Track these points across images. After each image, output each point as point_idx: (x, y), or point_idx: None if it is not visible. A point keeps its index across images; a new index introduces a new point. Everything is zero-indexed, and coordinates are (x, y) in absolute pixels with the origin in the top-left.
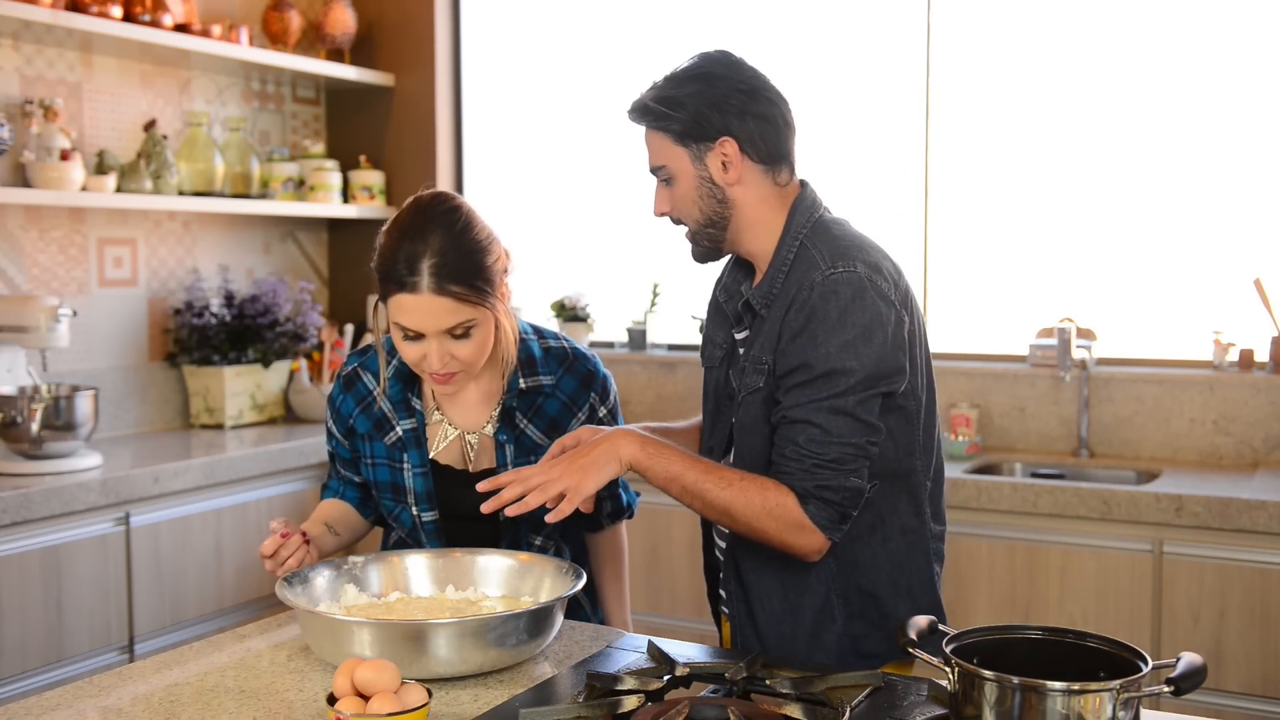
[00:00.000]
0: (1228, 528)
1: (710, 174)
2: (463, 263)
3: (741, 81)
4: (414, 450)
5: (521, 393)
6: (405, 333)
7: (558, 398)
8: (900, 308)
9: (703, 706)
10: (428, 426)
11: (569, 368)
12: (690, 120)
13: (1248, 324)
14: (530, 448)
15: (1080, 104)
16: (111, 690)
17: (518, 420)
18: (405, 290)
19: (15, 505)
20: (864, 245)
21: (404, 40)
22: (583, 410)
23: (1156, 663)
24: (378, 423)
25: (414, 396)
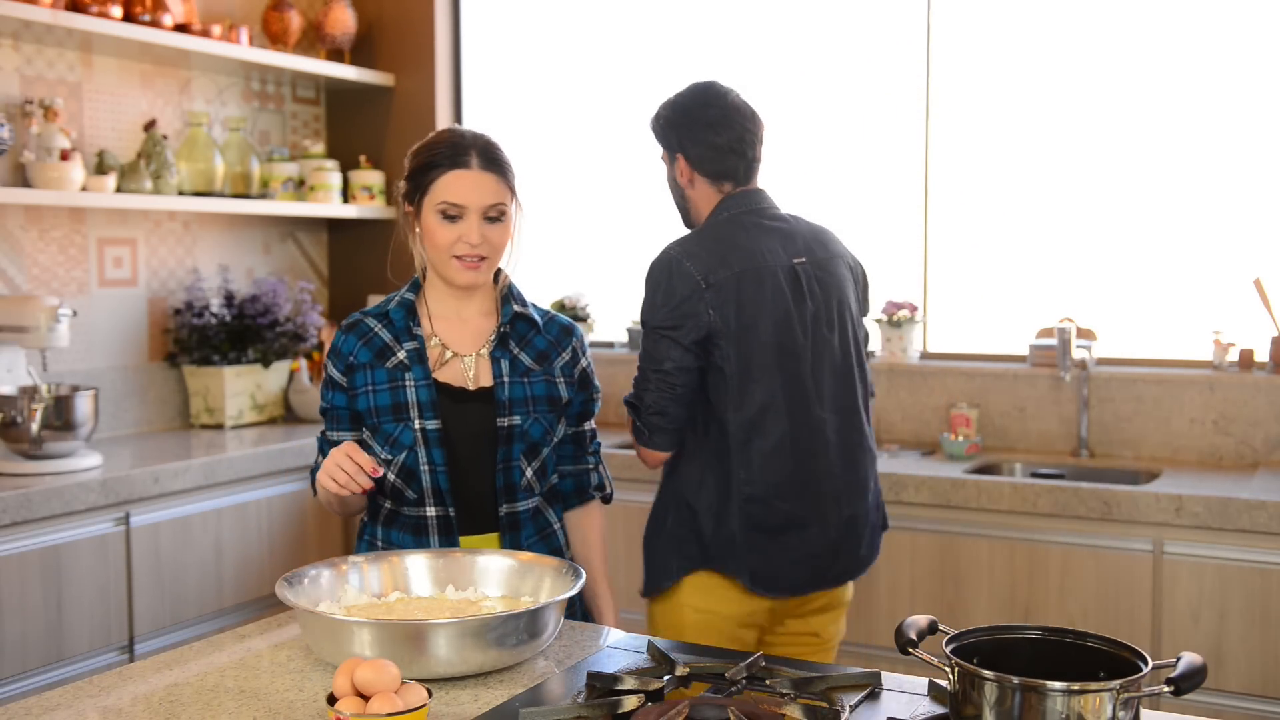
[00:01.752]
0: (1228, 528)
1: (673, 175)
2: (502, 157)
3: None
4: (417, 367)
5: (515, 318)
6: (448, 212)
7: (545, 336)
8: (706, 289)
9: (703, 706)
10: (428, 349)
11: (552, 319)
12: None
13: (1248, 324)
14: (523, 371)
15: (1080, 105)
16: (111, 690)
17: (510, 345)
18: (457, 167)
19: (15, 505)
20: (711, 239)
21: (404, 40)
22: (566, 350)
23: (1156, 663)
24: (379, 351)
25: (414, 325)
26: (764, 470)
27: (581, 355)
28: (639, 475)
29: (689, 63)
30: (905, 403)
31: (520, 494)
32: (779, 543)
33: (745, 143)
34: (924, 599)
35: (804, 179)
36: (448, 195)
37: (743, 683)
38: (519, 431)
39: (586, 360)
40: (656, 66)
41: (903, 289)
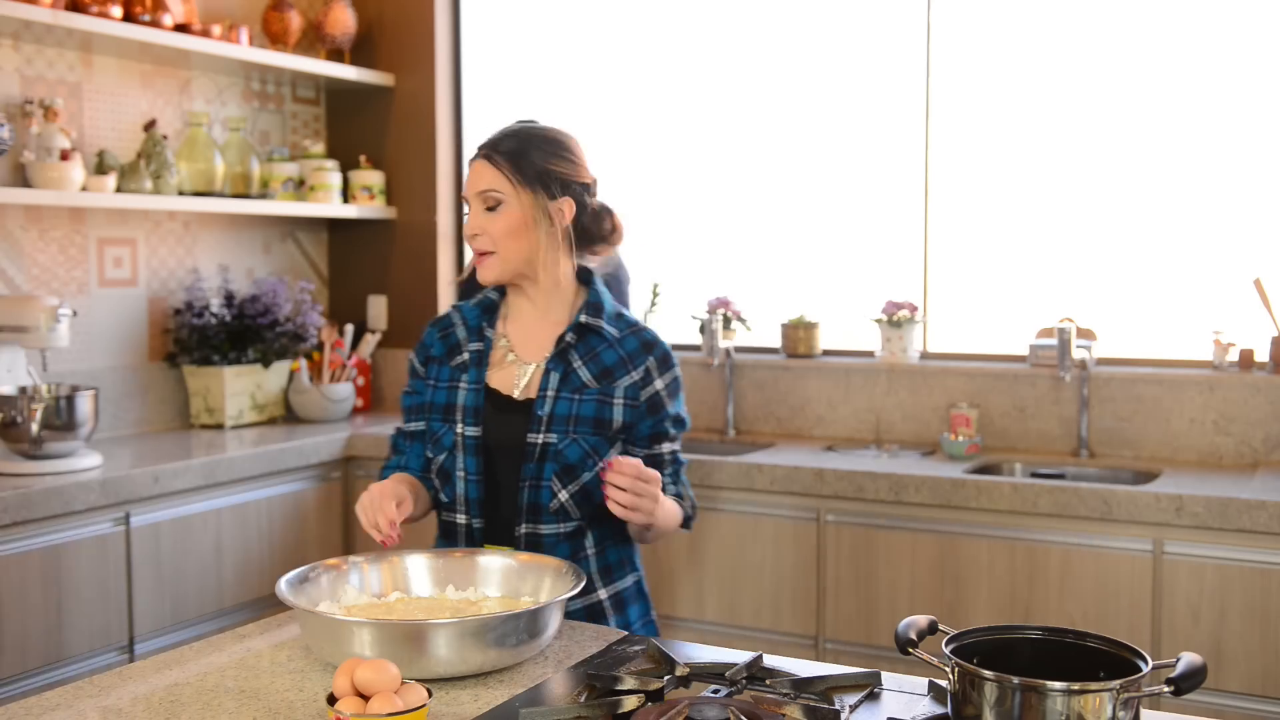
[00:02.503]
0: (1228, 528)
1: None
2: (518, 147)
3: None
4: (473, 369)
5: (580, 328)
6: (466, 207)
7: (617, 351)
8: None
9: (703, 706)
10: (492, 352)
11: (636, 333)
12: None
13: (1248, 324)
14: (577, 386)
15: (1080, 105)
16: (111, 690)
17: (571, 357)
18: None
19: (15, 505)
20: None
21: (404, 40)
22: (638, 369)
23: (1156, 663)
24: (451, 348)
25: (488, 325)
26: None
27: (657, 376)
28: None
29: (689, 62)
30: (905, 403)
31: (546, 516)
32: None
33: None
34: (924, 599)
35: (804, 179)
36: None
37: (743, 683)
38: (552, 451)
39: (663, 383)
40: (656, 66)
41: (903, 289)
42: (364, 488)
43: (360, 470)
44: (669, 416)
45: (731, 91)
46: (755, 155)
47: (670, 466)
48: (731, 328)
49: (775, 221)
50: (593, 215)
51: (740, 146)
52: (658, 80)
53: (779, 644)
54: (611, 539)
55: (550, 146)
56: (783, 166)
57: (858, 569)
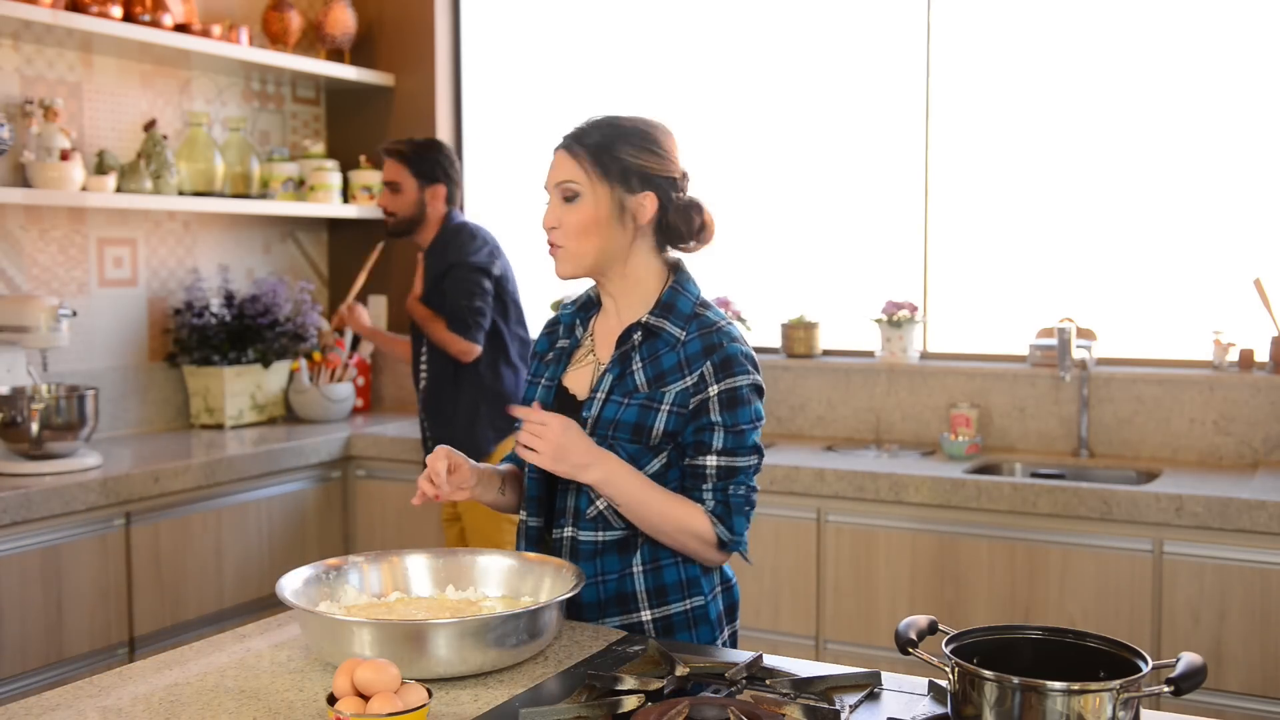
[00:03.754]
0: (1228, 528)
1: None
2: (601, 138)
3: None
4: (555, 366)
5: (645, 329)
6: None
7: (678, 354)
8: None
9: (703, 706)
10: (578, 350)
11: (704, 334)
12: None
13: (1248, 324)
14: (630, 389)
15: (1080, 105)
16: (111, 690)
17: (633, 359)
18: (557, 148)
19: (15, 505)
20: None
21: (404, 40)
22: (693, 374)
23: (1156, 663)
24: (552, 344)
25: (580, 324)
26: None
27: (713, 381)
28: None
29: (689, 63)
30: (905, 403)
31: (584, 522)
32: None
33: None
34: (924, 599)
35: (804, 180)
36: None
37: (743, 683)
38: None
39: (719, 389)
40: (657, 66)
41: (903, 289)
42: (364, 488)
43: (360, 470)
44: (713, 425)
45: (732, 91)
46: (755, 155)
47: (711, 481)
48: None
49: (775, 221)
50: (679, 211)
51: (740, 146)
52: (658, 80)
53: (779, 644)
54: (673, 557)
55: (635, 138)
56: (783, 166)
57: (858, 569)
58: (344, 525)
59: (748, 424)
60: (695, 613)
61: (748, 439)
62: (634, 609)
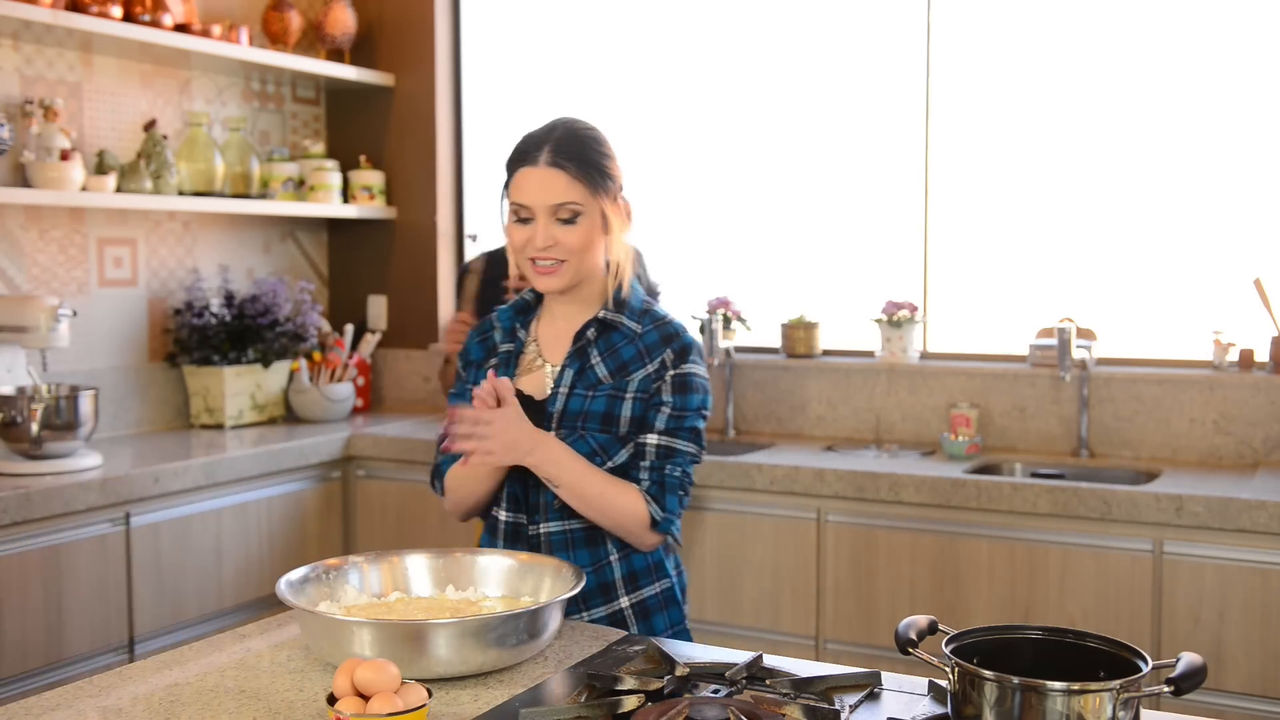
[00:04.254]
0: (1228, 528)
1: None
2: (582, 150)
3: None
4: (502, 370)
5: (601, 324)
6: (519, 214)
7: (636, 345)
8: None
9: (703, 706)
10: (523, 355)
11: (659, 326)
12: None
13: (1248, 324)
14: (593, 383)
15: (1080, 104)
16: (111, 690)
17: (590, 354)
18: (526, 164)
19: (15, 505)
20: None
21: (404, 40)
22: (654, 362)
23: (1156, 663)
24: (488, 350)
25: (521, 327)
26: None
27: (670, 368)
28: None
29: (689, 62)
30: (905, 403)
31: (555, 515)
32: None
33: None
34: (924, 599)
35: (804, 179)
36: (517, 196)
37: (743, 683)
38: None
39: (675, 374)
40: (657, 66)
41: (903, 289)
42: (364, 488)
43: (360, 470)
44: (662, 404)
45: (732, 91)
46: (755, 155)
47: (649, 459)
48: (731, 328)
49: (775, 221)
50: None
51: (740, 146)
52: (658, 80)
53: (779, 644)
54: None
55: (603, 146)
56: (783, 166)
57: (857, 569)
58: (344, 525)
59: (693, 410)
60: (665, 595)
61: (690, 423)
62: (614, 597)
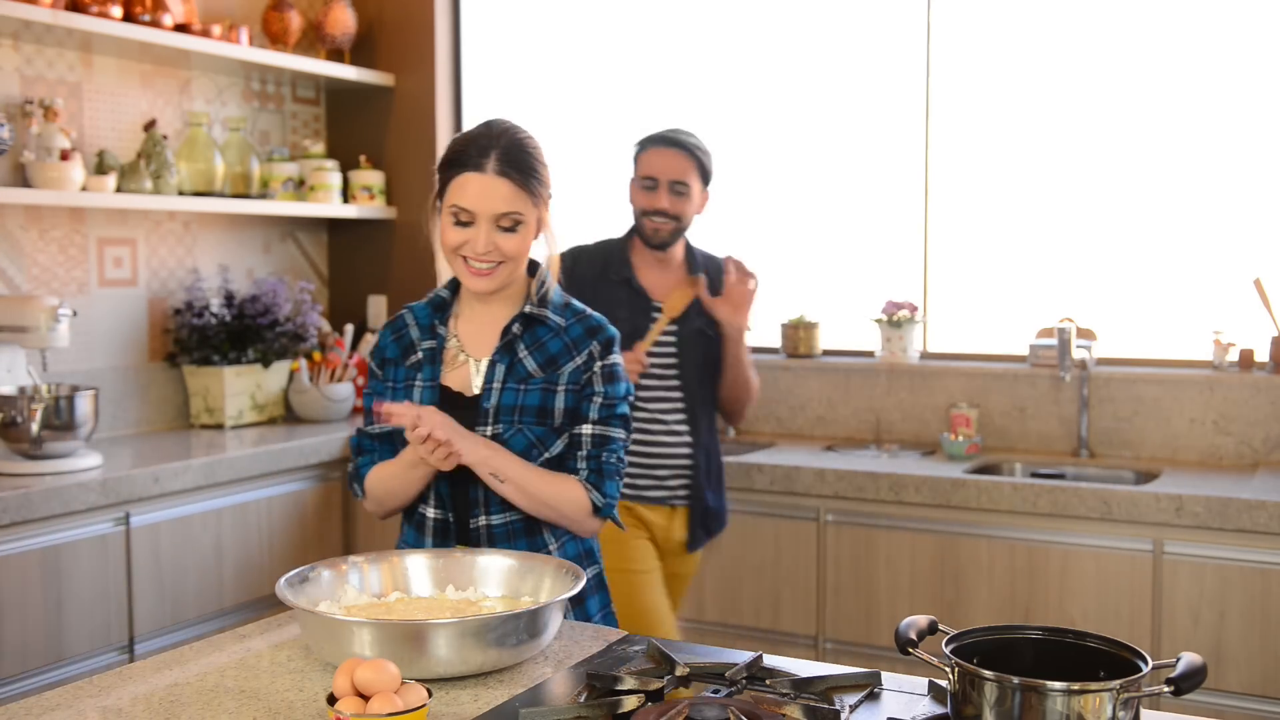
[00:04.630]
0: (1228, 528)
1: (697, 207)
2: (526, 160)
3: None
4: (428, 368)
5: (526, 318)
6: (459, 216)
7: (562, 339)
8: None
9: (703, 706)
10: (445, 351)
11: (582, 320)
12: (708, 166)
13: (1248, 324)
14: (522, 376)
15: (1080, 105)
16: (111, 690)
17: (518, 349)
18: (470, 169)
19: (15, 505)
20: None
21: (404, 40)
22: (581, 355)
23: (1156, 663)
24: (405, 348)
25: (440, 322)
26: None
27: (598, 359)
28: None
29: (689, 62)
30: (905, 403)
31: (495, 508)
32: None
33: None
34: (924, 599)
35: (804, 179)
36: (458, 199)
37: (743, 683)
38: (500, 442)
39: (603, 365)
40: (656, 66)
41: (903, 289)
42: None
43: None
44: (594, 394)
45: (732, 91)
46: (755, 155)
47: (585, 448)
48: None
49: (775, 221)
50: None
51: (740, 146)
52: (658, 80)
53: (779, 644)
54: (569, 534)
55: (541, 156)
56: (783, 166)
57: (858, 569)
58: (344, 525)
59: (621, 398)
60: (597, 579)
61: (620, 410)
62: None
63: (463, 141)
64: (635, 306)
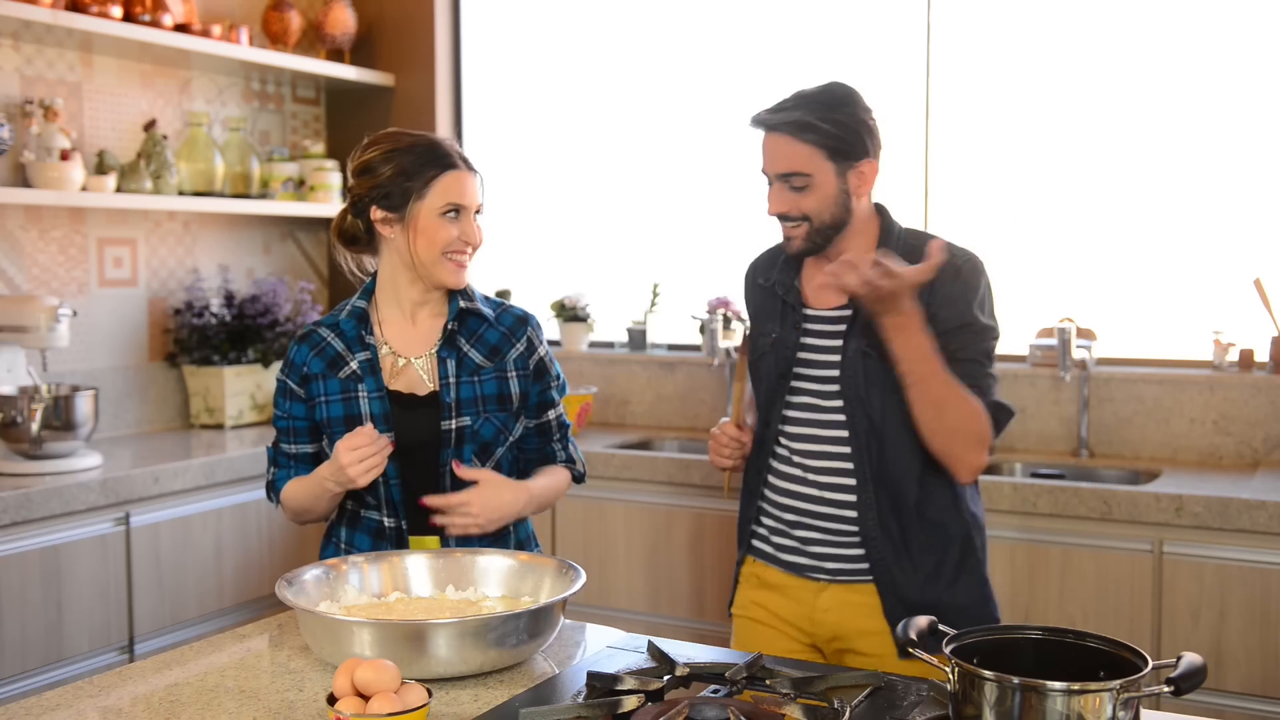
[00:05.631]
0: (1228, 528)
1: (848, 187)
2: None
3: (872, 111)
4: (370, 378)
5: (462, 314)
6: (449, 210)
7: (497, 329)
8: None
9: (703, 706)
10: (380, 359)
11: (507, 310)
12: (844, 140)
13: (1248, 324)
14: (472, 368)
15: (1080, 105)
16: (111, 690)
17: (460, 343)
18: (454, 169)
19: (15, 505)
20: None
21: (404, 40)
22: (520, 342)
23: (1156, 663)
24: (331, 361)
25: (366, 333)
26: None
27: (538, 344)
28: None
29: (689, 62)
30: None
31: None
32: None
33: None
34: None
35: None
36: (452, 196)
37: (743, 683)
38: (469, 433)
39: (544, 349)
40: (656, 66)
41: None
42: None
43: None
44: (552, 381)
45: (732, 91)
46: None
47: (559, 432)
48: (731, 328)
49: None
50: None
51: (739, 146)
52: (658, 80)
53: None
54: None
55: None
56: None
57: None
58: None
59: (562, 379)
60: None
61: (564, 391)
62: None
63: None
64: (785, 318)
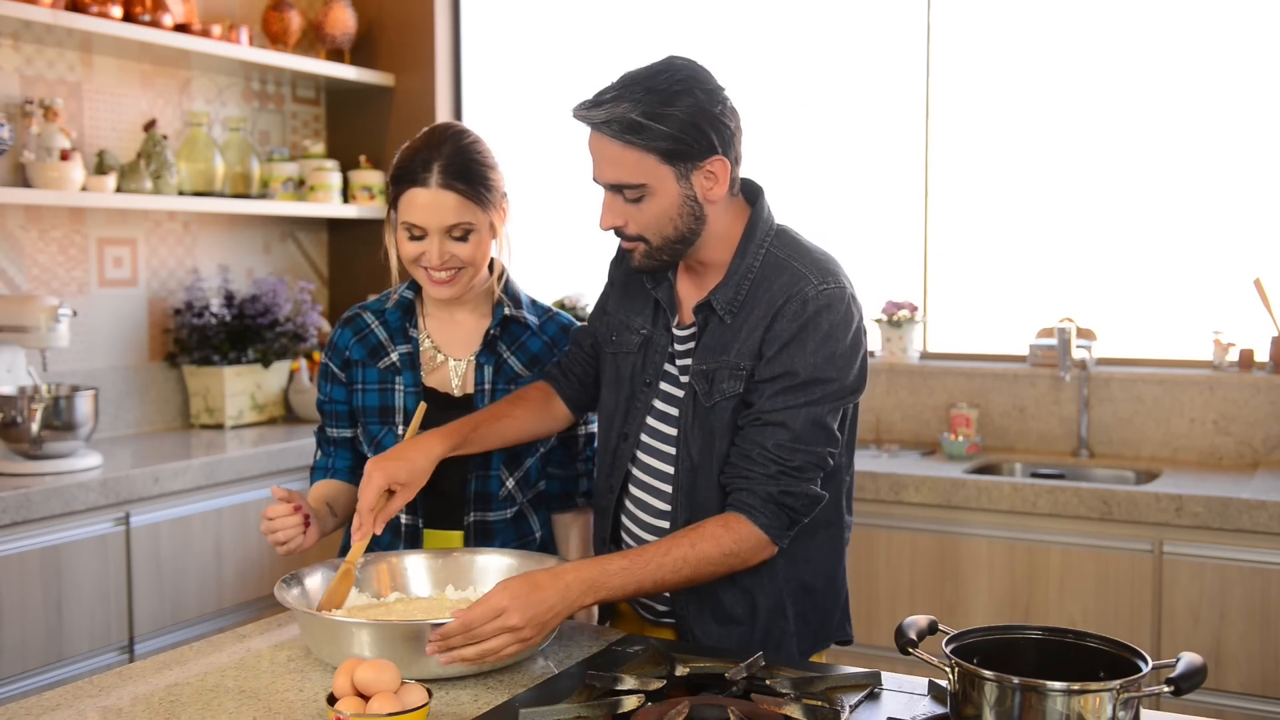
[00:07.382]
0: (1228, 528)
1: (695, 193)
2: (468, 168)
3: (720, 94)
4: (408, 372)
5: (505, 321)
6: (411, 231)
7: (541, 338)
8: (862, 322)
9: (703, 706)
10: (421, 353)
11: (552, 318)
12: (681, 139)
13: (1248, 324)
14: (510, 376)
15: (1080, 104)
16: (111, 690)
17: (500, 349)
18: (416, 185)
19: (15, 505)
20: (833, 260)
21: (404, 40)
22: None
23: (1156, 663)
24: (373, 349)
25: (410, 326)
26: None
27: None
28: None
29: None
30: (905, 403)
31: (496, 504)
32: None
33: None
34: (924, 599)
35: (804, 179)
36: (408, 215)
37: (743, 683)
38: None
39: None
40: None
41: (903, 289)
42: None
43: None
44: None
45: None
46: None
47: (587, 449)
48: None
49: None
50: None
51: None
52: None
53: None
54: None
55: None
56: (782, 166)
57: (858, 569)
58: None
59: None
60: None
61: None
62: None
63: (407, 154)
64: (657, 318)
